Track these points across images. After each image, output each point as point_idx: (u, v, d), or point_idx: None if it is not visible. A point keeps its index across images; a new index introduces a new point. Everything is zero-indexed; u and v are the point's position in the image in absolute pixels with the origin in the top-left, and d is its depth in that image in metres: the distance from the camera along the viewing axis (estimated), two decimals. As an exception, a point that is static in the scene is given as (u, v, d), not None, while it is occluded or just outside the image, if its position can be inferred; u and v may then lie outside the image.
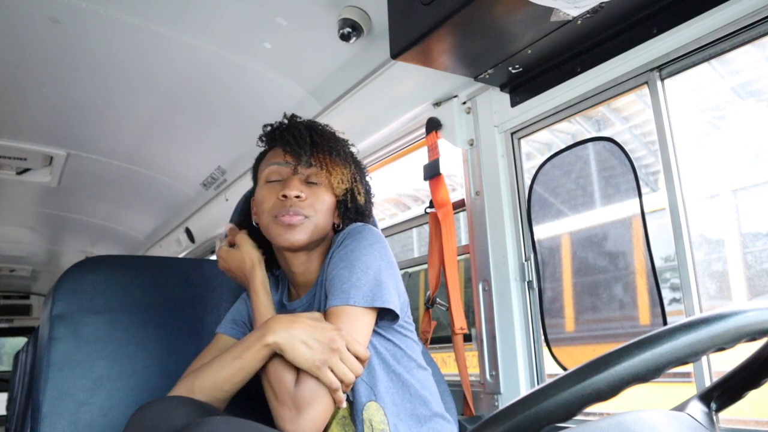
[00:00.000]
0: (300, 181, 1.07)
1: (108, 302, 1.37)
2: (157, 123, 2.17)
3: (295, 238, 1.04)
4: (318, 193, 1.08)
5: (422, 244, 8.01)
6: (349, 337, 0.92)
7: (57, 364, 1.27)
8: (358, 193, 1.14)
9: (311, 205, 1.06)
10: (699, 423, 0.59)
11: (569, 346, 1.36)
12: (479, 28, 1.12)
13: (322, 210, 1.08)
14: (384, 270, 1.01)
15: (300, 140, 1.08)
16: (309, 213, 1.06)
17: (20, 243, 4.22)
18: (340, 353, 0.90)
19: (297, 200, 1.04)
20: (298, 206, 1.05)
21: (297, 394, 0.90)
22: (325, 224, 1.09)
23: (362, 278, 0.98)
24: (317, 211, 1.07)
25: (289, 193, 1.04)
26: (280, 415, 0.90)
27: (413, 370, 1.07)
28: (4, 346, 7.65)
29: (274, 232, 1.06)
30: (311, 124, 1.14)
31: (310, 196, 1.07)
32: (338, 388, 0.89)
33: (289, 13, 1.46)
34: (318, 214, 1.07)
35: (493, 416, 0.43)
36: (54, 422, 1.23)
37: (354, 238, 1.03)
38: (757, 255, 3.44)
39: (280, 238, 1.05)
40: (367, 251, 1.01)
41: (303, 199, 1.05)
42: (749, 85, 4.13)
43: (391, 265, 1.04)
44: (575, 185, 1.40)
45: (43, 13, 1.48)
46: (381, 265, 1.01)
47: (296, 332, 0.92)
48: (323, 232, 1.09)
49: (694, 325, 0.45)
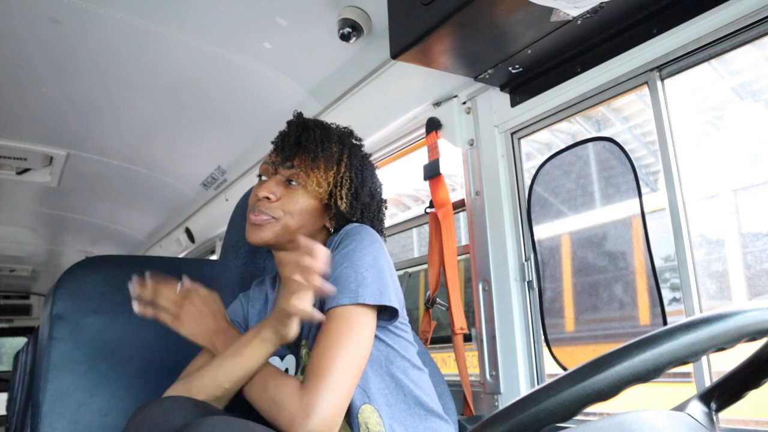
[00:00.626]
0: (278, 181, 1.08)
1: (108, 302, 1.37)
2: (157, 123, 2.17)
3: (257, 237, 1.06)
4: (294, 194, 1.07)
5: (422, 244, 8.01)
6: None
7: (57, 364, 1.27)
8: (339, 197, 1.10)
9: (281, 206, 1.06)
10: (699, 423, 0.59)
11: (569, 346, 1.36)
12: (479, 28, 1.12)
13: (295, 211, 1.07)
14: (385, 269, 1.01)
15: (285, 140, 1.09)
16: (277, 214, 1.06)
17: (20, 243, 4.23)
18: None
19: (266, 201, 1.06)
20: (264, 206, 1.05)
21: (305, 390, 0.87)
22: (299, 226, 1.07)
23: (368, 277, 0.97)
24: (287, 212, 1.06)
25: (260, 193, 1.06)
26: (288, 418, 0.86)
27: (408, 370, 1.06)
28: (4, 346, 7.65)
29: (246, 229, 1.09)
30: (308, 123, 1.12)
31: (284, 197, 1.07)
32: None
33: (289, 13, 1.46)
34: (288, 215, 1.06)
35: (493, 416, 0.43)
36: (54, 422, 1.23)
37: (353, 239, 1.02)
38: (757, 255, 3.44)
39: (246, 235, 1.08)
40: (368, 251, 1.01)
41: (272, 201, 1.06)
42: (749, 85, 4.13)
43: (389, 265, 1.04)
44: (575, 185, 1.40)
45: (43, 13, 1.48)
46: (383, 265, 1.01)
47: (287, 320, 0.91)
48: (291, 231, 1.07)
49: (694, 325, 0.45)
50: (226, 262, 1.40)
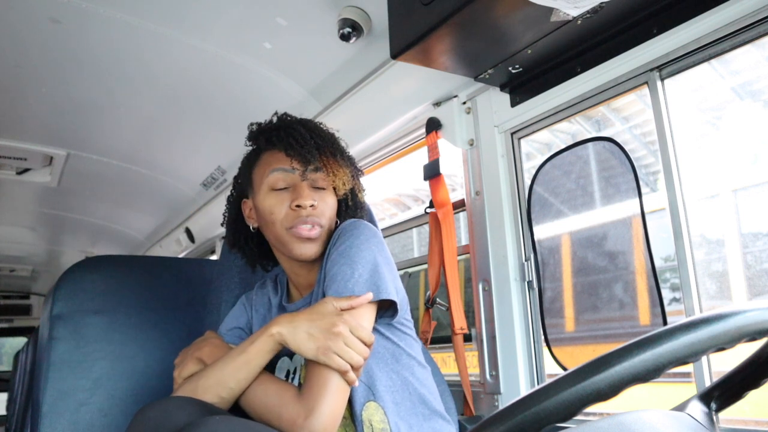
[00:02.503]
0: (309, 187, 1.05)
1: (108, 302, 1.37)
2: (157, 123, 2.17)
3: (312, 252, 1.04)
4: (326, 198, 1.07)
5: (422, 244, 8.01)
6: (353, 321, 0.90)
7: (57, 364, 1.27)
8: (358, 191, 1.14)
9: (323, 212, 1.05)
10: (699, 423, 0.59)
11: (569, 346, 1.36)
12: (479, 28, 1.12)
13: (331, 216, 1.08)
14: (382, 264, 1.00)
15: (304, 144, 1.05)
16: (323, 222, 1.05)
17: (20, 243, 4.22)
18: (344, 337, 0.88)
19: (311, 209, 1.03)
20: (313, 216, 1.03)
21: (305, 393, 0.88)
22: (331, 228, 1.09)
23: (364, 273, 0.97)
24: (327, 217, 1.06)
25: (304, 203, 1.02)
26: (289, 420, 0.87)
27: (413, 368, 1.06)
28: (4, 346, 7.64)
29: (291, 245, 1.04)
30: (307, 123, 1.11)
31: (320, 202, 1.05)
32: (347, 369, 0.87)
33: (289, 13, 1.46)
34: (328, 221, 1.07)
35: (493, 416, 0.43)
36: (54, 422, 1.24)
37: (351, 234, 1.02)
38: (757, 255, 3.44)
39: (297, 252, 1.04)
40: (365, 246, 1.00)
41: (316, 208, 1.04)
42: (749, 85, 4.13)
43: (388, 260, 1.03)
44: (575, 185, 1.40)
45: (43, 13, 1.48)
46: (379, 260, 1.00)
47: (298, 324, 0.91)
48: (330, 236, 1.08)
49: (694, 325, 0.45)
50: (226, 262, 1.40)
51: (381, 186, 8.68)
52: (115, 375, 1.33)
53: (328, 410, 0.86)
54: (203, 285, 1.50)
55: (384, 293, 0.97)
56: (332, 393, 0.88)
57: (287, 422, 0.87)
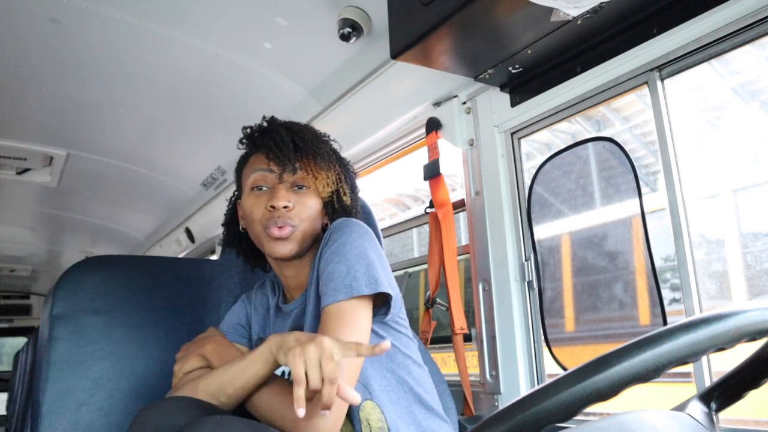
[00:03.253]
0: (286, 188, 1.07)
1: (108, 302, 1.37)
2: (157, 123, 2.17)
3: (285, 251, 1.05)
4: (304, 199, 1.08)
5: (422, 244, 8.01)
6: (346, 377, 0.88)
7: (57, 364, 1.27)
8: (343, 193, 1.13)
9: (298, 213, 1.06)
10: (699, 423, 0.59)
11: (569, 346, 1.36)
12: (479, 28, 1.12)
13: (309, 217, 1.08)
14: (375, 260, 1.01)
15: (283, 146, 1.06)
16: (296, 222, 1.06)
17: (20, 243, 4.22)
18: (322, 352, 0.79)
19: (284, 210, 1.04)
20: (285, 217, 1.05)
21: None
22: (312, 230, 1.09)
23: (359, 269, 0.97)
24: (303, 219, 1.07)
25: (277, 203, 1.03)
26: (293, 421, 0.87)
27: (409, 366, 1.07)
28: (4, 346, 7.65)
29: (266, 244, 1.07)
30: (292, 126, 1.12)
31: (297, 203, 1.07)
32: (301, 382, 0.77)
33: (289, 13, 1.46)
34: (304, 222, 1.07)
35: (493, 416, 0.43)
36: (54, 422, 1.24)
37: (342, 232, 1.02)
38: (757, 255, 3.44)
39: (269, 250, 1.06)
40: (357, 243, 1.00)
41: (290, 209, 1.05)
42: (749, 85, 4.13)
43: (380, 257, 1.04)
44: (575, 185, 1.40)
45: (43, 13, 1.48)
46: (371, 256, 1.00)
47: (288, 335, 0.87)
48: (312, 238, 1.09)
49: (694, 325, 0.45)
50: (226, 262, 1.40)
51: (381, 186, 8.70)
52: (115, 375, 1.33)
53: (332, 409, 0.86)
54: (203, 285, 1.50)
55: (381, 287, 0.97)
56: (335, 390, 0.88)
57: (291, 423, 0.87)
